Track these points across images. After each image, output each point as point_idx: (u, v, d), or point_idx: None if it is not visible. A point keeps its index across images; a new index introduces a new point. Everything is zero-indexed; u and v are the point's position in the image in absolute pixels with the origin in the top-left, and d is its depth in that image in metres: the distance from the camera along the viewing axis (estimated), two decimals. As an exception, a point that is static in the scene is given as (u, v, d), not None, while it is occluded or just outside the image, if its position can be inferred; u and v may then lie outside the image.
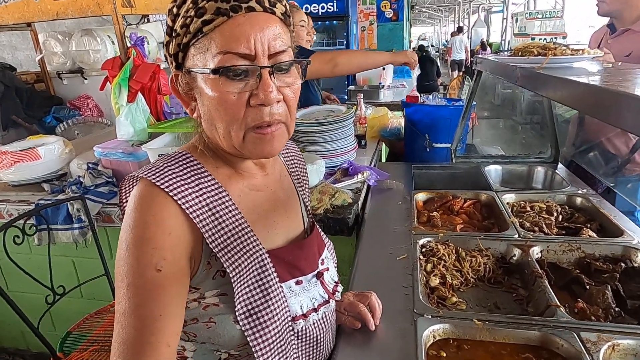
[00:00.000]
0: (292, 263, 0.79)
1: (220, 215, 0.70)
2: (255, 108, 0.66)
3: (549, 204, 1.57)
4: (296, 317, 0.77)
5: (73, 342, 1.59)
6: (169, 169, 0.69)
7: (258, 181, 0.80)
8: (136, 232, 0.64)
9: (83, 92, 3.20)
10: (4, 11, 2.14)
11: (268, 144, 0.69)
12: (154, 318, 0.63)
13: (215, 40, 0.64)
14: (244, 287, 0.70)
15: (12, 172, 1.96)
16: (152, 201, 0.66)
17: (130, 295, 0.63)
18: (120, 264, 0.65)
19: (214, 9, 0.63)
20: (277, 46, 0.66)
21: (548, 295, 1.04)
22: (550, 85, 0.97)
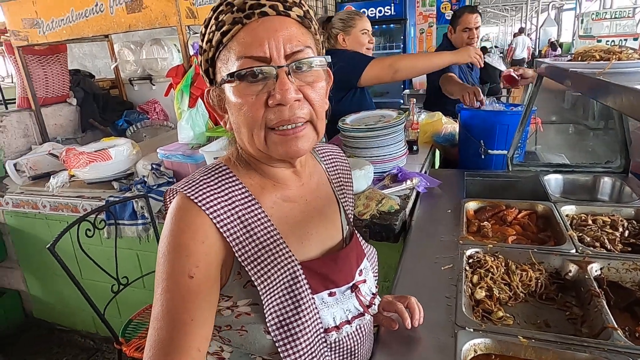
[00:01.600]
0: (325, 275, 0.79)
1: (252, 227, 0.72)
2: (273, 108, 0.67)
3: (614, 218, 1.46)
4: (329, 329, 0.77)
5: (134, 329, 1.72)
6: (204, 182, 0.72)
7: (292, 192, 0.81)
8: (172, 240, 0.68)
9: (151, 97, 3.45)
10: (85, 25, 2.37)
11: (292, 144, 0.70)
12: (185, 322, 0.65)
13: (234, 49, 0.67)
14: (275, 298, 0.71)
15: (87, 170, 2.16)
16: (186, 212, 0.69)
17: (164, 300, 0.67)
18: (158, 270, 0.69)
19: (231, 19, 0.67)
20: (294, 47, 0.67)
21: (605, 316, 0.97)
22: (610, 93, 0.91)
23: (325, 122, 0.76)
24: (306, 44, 0.69)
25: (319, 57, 0.71)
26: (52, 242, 1.49)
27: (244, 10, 0.66)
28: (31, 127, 2.86)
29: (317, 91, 0.71)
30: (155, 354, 0.65)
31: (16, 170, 2.40)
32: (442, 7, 7.00)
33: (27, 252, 2.76)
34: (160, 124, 3.20)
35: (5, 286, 2.94)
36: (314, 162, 0.90)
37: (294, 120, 0.68)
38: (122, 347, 1.61)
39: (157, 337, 0.66)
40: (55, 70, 2.97)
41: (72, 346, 2.79)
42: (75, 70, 3.42)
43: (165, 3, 2.15)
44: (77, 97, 3.17)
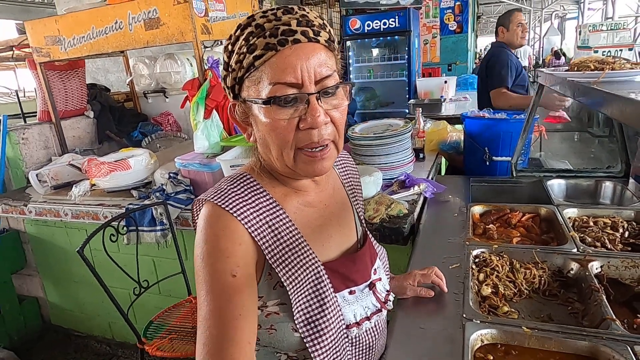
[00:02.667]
0: (345, 275, 0.85)
1: (279, 232, 0.78)
2: (304, 131, 0.72)
3: (614, 220, 1.53)
4: (350, 325, 0.83)
5: (154, 330, 1.80)
6: (232, 191, 0.77)
7: (311, 197, 0.86)
8: (210, 245, 0.72)
9: (165, 109, 3.56)
10: (105, 42, 2.49)
11: (319, 164, 0.75)
12: (234, 317, 0.69)
13: (266, 73, 0.70)
14: (302, 297, 0.77)
15: (108, 180, 2.26)
16: (219, 218, 0.74)
17: (210, 300, 0.70)
18: (199, 275, 0.72)
19: (264, 44, 0.69)
20: (323, 72, 0.71)
21: (604, 308, 1.04)
22: (604, 101, 0.99)
23: (343, 139, 0.81)
24: (333, 68, 0.74)
25: (343, 82, 0.76)
26: (81, 246, 1.58)
27: (277, 36, 0.69)
28: (51, 139, 2.98)
29: (341, 112, 0.76)
30: (210, 350, 0.68)
31: (38, 180, 2.50)
32: (445, 18, 7.13)
33: (46, 260, 2.86)
34: (174, 135, 3.31)
35: (24, 293, 3.02)
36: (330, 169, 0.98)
37: (322, 143, 0.73)
38: (145, 347, 1.68)
39: (210, 334, 0.69)
40: (74, 84, 3.09)
41: (88, 352, 2.86)
42: (92, 85, 3.55)
43: (182, 20, 2.26)
44: (94, 110, 3.29)
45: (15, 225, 2.86)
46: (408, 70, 5.13)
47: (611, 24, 1.87)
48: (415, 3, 5.17)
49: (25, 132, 2.83)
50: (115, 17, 2.40)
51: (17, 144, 2.78)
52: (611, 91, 0.96)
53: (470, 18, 7.20)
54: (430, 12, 7.16)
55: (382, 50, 5.54)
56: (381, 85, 5.35)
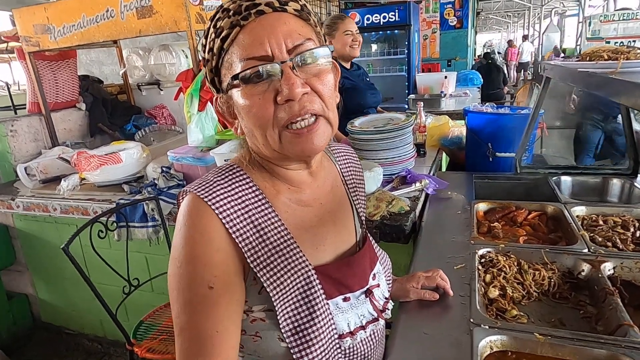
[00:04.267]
0: (339, 280, 0.78)
1: (265, 232, 0.71)
2: (283, 105, 0.66)
3: (625, 218, 1.46)
4: (343, 335, 0.76)
5: (145, 331, 1.73)
6: (217, 183, 0.71)
7: (306, 195, 0.79)
8: (187, 250, 0.67)
9: (159, 102, 3.48)
10: (96, 30, 2.40)
11: (307, 140, 0.68)
12: (210, 335, 0.65)
13: (236, 52, 0.67)
14: (289, 304, 0.70)
15: (98, 174, 2.18)
16: (198, 217, 0.67)
17: (187, 312, 0.66)
18: (174, 280, 0.67)
19: (229, 24, 0.66)
20: (295, 40, 0.66)
21: (620, 313, 0.97)
22: (624, 91, 0.92)
23: (337, 114, 0.74)
24: (307, 36, 0.68)
25: (322, 47, 0.70)
26: (66, 243, 1.50)
27: (240, 13, 0.65)
28: (41, 132, 2.89)
29: (325, 83, 0.69)
30: None
31: (27, 173, 2.42)
32: (445, 13, 7.06)
33: (35, 256, 2.78)
34: (168, 129, 3.23)
35: (14, 290, 2.95)
36: (329, 163, 0.89)
37: (304, 113, 0.67)
38: (134, 348, 1.61)
39: (186, 349, 0.65)
40: (65, 75, 3.00)
41: (79, 350, 2.79)
42: (84, 76, 3.46)
43: (176, 8, 2.18)
44: (86, 102, 3.20)
45: (4, 220, 2.78)
46: (408, 65, 5.07)
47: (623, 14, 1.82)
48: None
49: (13, 124, 2.74)
50: (106, 5, 2.32)
51: (5, 137, 2.70)
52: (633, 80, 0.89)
53: (470, 14, 7.13)
54: (431, 7, 7.09)
55: (382, 44, 5.47)
56: (380, 80, 5.26)
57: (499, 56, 15.06)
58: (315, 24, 0.73)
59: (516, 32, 25.22)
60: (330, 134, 0.72)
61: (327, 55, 0.71)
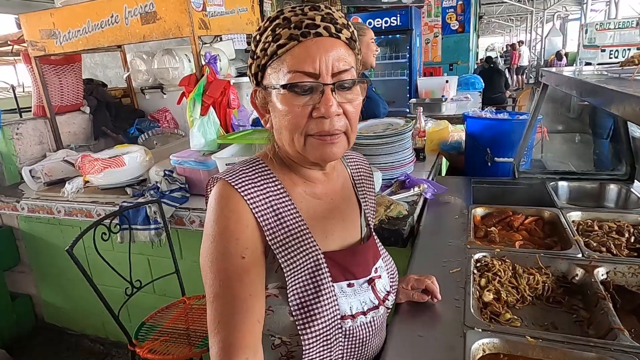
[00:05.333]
0: (345, 266, 0.86)
1: (283, 216, 0.80)
2: (316, 119, 0.75)
3: (620, 224, 1.48)
4: (345, 317, 0.83)
5: (147, 332, 1.75)
6: (243, 172, 0.81)
7: (319, 190, 0.88)
8: (220, 226, 0.75)
9: (162, 105, 3.50)
10: (101, 35, 2.43)
11: (328, 148, 0.77)
12: (244, 297, 0.73)
13: (287, 62, 0.75)
14: (299, 281, 0.79)
15: (102, 177, 2.21)
16: (229, 199, 0.77)
17: (222, 279, 0.74)
18: (207, 254, 0.76)
19: (288, 35, 0.74)
20: (340, 66, 0.75)
21: (611, 317, 1.00)
22: (613, 100, 0.94)
23: (356, 133, 0.83)
24: (351, 64, 0.77)
25: (360, 78, 0.79)
26: (70, 245, 1.53)
27: (301, 28, 0.73)
28: (46, 135, 2.93)
29: (355, 107, 0.79)
30: (221, 328, 0.72)
31: (32, 176, 2.46)
32: (447, 17, 7.09)
33: (39, 257, 2.81)
34: (171, 132, 3.25)
35: (17, 291, 2.98)
36: (342, 167, 0.98)
37: (332, 132, 0.76)
38: (136, 349, 1.64)
39: (221, 312, 0.73)
40: (70, 79, 3.04)
41: (81, 350, 2.82)
42: (88, 80, 3.49)
43: (179, 15, 2.21)
44: (90, 106, 3.23)
45: (9, 221, 2.81)
46: (409, 69, 5.09)
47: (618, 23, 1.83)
48: (417, 1, 5.13)
49: (19, 127, 2.78)
50: (111, 11, 2.35)
51: (11, 139, 2.74)
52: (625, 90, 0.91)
53: (472, 18, 7.16)
54: (432, 11, 7.12)
55: (384, 48, 5.49)
56: (382, 84, 5.29)
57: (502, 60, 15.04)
58: (358, 52, 0.82)
59: (518, 36, 25.22)
60: (346, 148, 0.81)
61: (363, 84, 0.80)
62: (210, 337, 0.74)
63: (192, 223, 2.00)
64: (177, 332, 1.74)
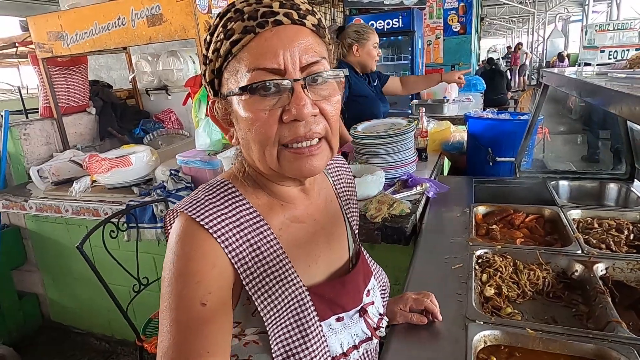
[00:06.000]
0: (333, 300, 0.75)
1: (261, 251, 0.68)
2: (288, 124, 0.63)
3: (619, 222, 1.51)
4: (336, 357, 0.73)
5: (153, 328, 1.79)
6: (209, 202, 0.67)
7: (300, 211, 0.76)
8: (178, 267, 0.62)
9: (167, 106, 3.55)
10: (107, 38, 2.48)
11: (307, 162, 0.65)
12: (200, 355, 0.60)
13: (245, 60, 0.62)
14: (281, 327, 0.67)
15: (109, 176, 2.25)
16: (193, 235, 0.63)
17: (175, 332, 0.60)
18: (164, 300, 0.62)
19: (241, 28, 0.61)
20: (310, 58, 0.63)
21: (609, 311, 1.02)
22: (612, 100, 0.97)
23: (338, 137, 0.71)
24: (322, 54, 0.66)
25: (336, 69, 0.67)
26: (80, 241, 1.57)
27: (256, 19, 0.61)
28: (53, 135, 2.97)
29: (333, 105, 0.67)
30: None
31: (39, 176, 2.50)
32: (449, 19, 7.12)
33: (46, 256, 2.85)
34: (176, 133, 3.29)
35: (24, 289, 3.02)
36: (322, 177, 0.86)
37: (309, 137, 0.64)
38: (144, 344, 1.67)
39: None
40: (77, 81, 3.08)
41: (87, 349, 2.85)
42: (94, 81, 3.54)
43: (185, 17, 2.25)
44: (96, 107, 3.28)
45: (16, 221, 2.86)
46: (411, 70, 5.12)
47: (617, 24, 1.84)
48: (419, 3, 5.16)
49: (26, 127, 2.82)
50: (118, 13, 2.39)
51: (19, 140, 2.78)
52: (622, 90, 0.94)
53: (474, 19, 7.19)
54: (434, 13, 7.15)
55: (386, 50, 5.52)
56: (384, 85, 5.32)
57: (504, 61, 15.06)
58: (329, 41, 0.70)
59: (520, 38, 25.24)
60: (329, 157, 0.69)
61: (340, 77, 0.68)
62: None
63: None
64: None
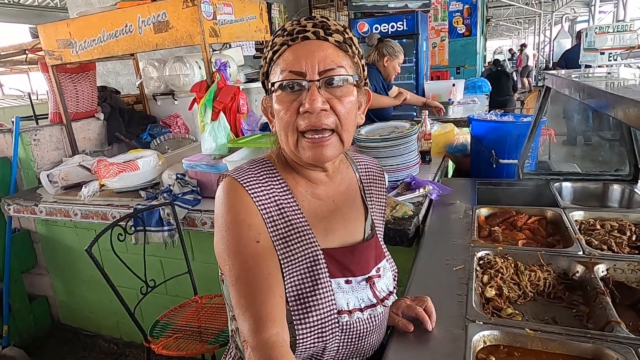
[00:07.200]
0: (343, 264, 0.89)
1: (285, 211, 0.86)
2: (303, 115, 0.80)
3: (622, 223, 1.51)
4: (341, 311, 0.86)
5: (161, 329, 1.81)
6: (249, 170, 0.87)
7: (321, 191, 0.92)
8: (232, 215, 0.81)
9: (173, 111, 3.59)
10: (115, 44, 2.52)
11: (318, 150, 0.82)
12: (265, 276, 0.78)
13: (280, 65, 0.82)
14: (296, 274, 0.83)
15: (117, 180, 2.29)
16: (236, 191, 0.83)
17: (241, 262, 0.78)
18: (222, 242, 0.80)
19: (281, 41, 0.82)
20: (327, 65, 0.80)
21: (609, 311, 1.03)
22: (611, 103, 0.98)
23: (352, 134, 0.87)
24: (340, 64, 0.81)
25: (350, 74, 0.82)
26: (89, 244, 1.60)
27: (292, 35, 0.81)
28: (62, 141, 3.03)
29: (345, 105, 0.82)
30: (250, 306, 0.76)
31: (49, 180, 2.54)
32: (454, 21, 7.11)
33: (55, 259, 2.90)
34: (182, 137, 3.33)
35: (35, 292, 3.07)
36: (349, 170, 1.01)
37: (319, 126, 0.80)
38: (151, 345, 1.70)
39: (246, 292, 0.77)
40: (85, 87, 3.14)
41: (96, 350, 2.89)
42: (102, 87, 3.59)
43: (190, 23, 2.29)
44: (104, 112, 3.33)
45: (27, 225, 2.91)
46: (416, 73, 5.13)
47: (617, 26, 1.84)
48: (423, 6, 5.17)
49: (37, 133, 2.88)
50: (125, 21, 2.44)
51: (29, 145, 2.83)
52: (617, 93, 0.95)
53: (479, 21, 7.18)
54: (439, 15, 7.15)
55: (390, 53, 5.54)
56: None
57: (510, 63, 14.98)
58: (354, 54, 0.85)
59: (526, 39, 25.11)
60: (340, 149, 0.85)
61: (354, 81, 0.83)
62: (239, 317, 0.77)
63: (204, 225, 2.07)
64: (190, 330, 1.79)
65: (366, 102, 0.91)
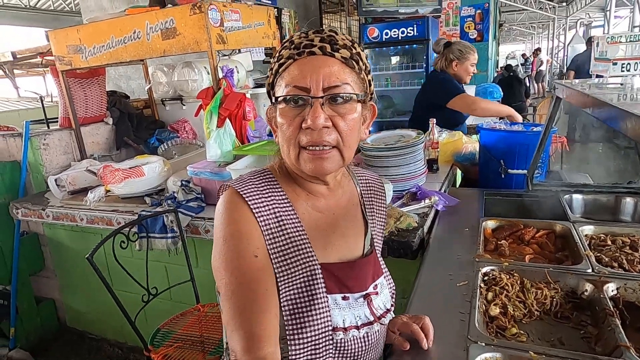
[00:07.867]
0: (341, 279, 0.87)
1: (285, 223, 0.84)
2: (305, 130, 0.79)
3: (634, 239, 1.46)
4: (336, 329, 0.84)
5: (162, 338, 1.81)
6: (251, 182, 0.86)
7: (321, 204, 0.91)
8: (231, 228, 0.80)
9: (181, 116, 3.60)
10: (124, 50, 2.54)
11: (319, 163, 0.81)
12: (261, 292, 0.78)
13: (285, 78, 0.81)
14: (292, 288, 0.82)
15: (122, 186, 2.29)
16: (236, 203, 0.82)
17: (237, 276, 0.78)
18: (220, 255, 0.80)
19: (287, 54, 0.81)
20: (332, 82, 0.79)
21: (618, 334, 0.99)
22: (618, 118, 0.95)
23: (354, 150, 0.86)
24: (345, 81, 0.80)
25: (355, 92, 0.81)
26: (90, 252, 1.60)
27: (298, 48, 0.80)
28: (71, 145, 3.05)
29: (347, 122, 0.81)
30: (243, 323, 0.75)
31: (57, 185, 2.56)
32: (465, 26, 7.05)
33: (63, 263, 2.92)
34: (190, 142, 3.34)
35: (42, 295, 3.09)
36: (350, 184, 1.00)
37: (320, 143, 0.79)
38: (151, 354, 1.69)
39: (241, 308, 0.76)
40: (95, 92, 3.17)
41: (101, 354, 2.90)
42: (111, 92, 3.62)
43: (198, 30, 2.29)
44: (113, 117, 3.35)
45: (35, 228, 2.94)
46: (426, 79, 5.09)
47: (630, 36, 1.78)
48: (434, 12, 5.14)
49: (46, 137, 2.91)
50: (133, 27, 2.45)
51: (38, 149, 2.86)
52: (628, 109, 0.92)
53: (491, 26, 7.10)
54: (450, 20, 7.10)
55: (400, 58, 5.52)
56: (399, 93, 5.32)
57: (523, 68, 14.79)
58: (360, 71, 0.84)
59: (540, 43, 24.83)
60: (340, 164, 0.84)
61: (357, 99, 0.82)
62: (230, 334, 0.77)
63: (207, 232, 2.06)
64: (191, 339, 1.78)
65: (371, 117, 0.91)
